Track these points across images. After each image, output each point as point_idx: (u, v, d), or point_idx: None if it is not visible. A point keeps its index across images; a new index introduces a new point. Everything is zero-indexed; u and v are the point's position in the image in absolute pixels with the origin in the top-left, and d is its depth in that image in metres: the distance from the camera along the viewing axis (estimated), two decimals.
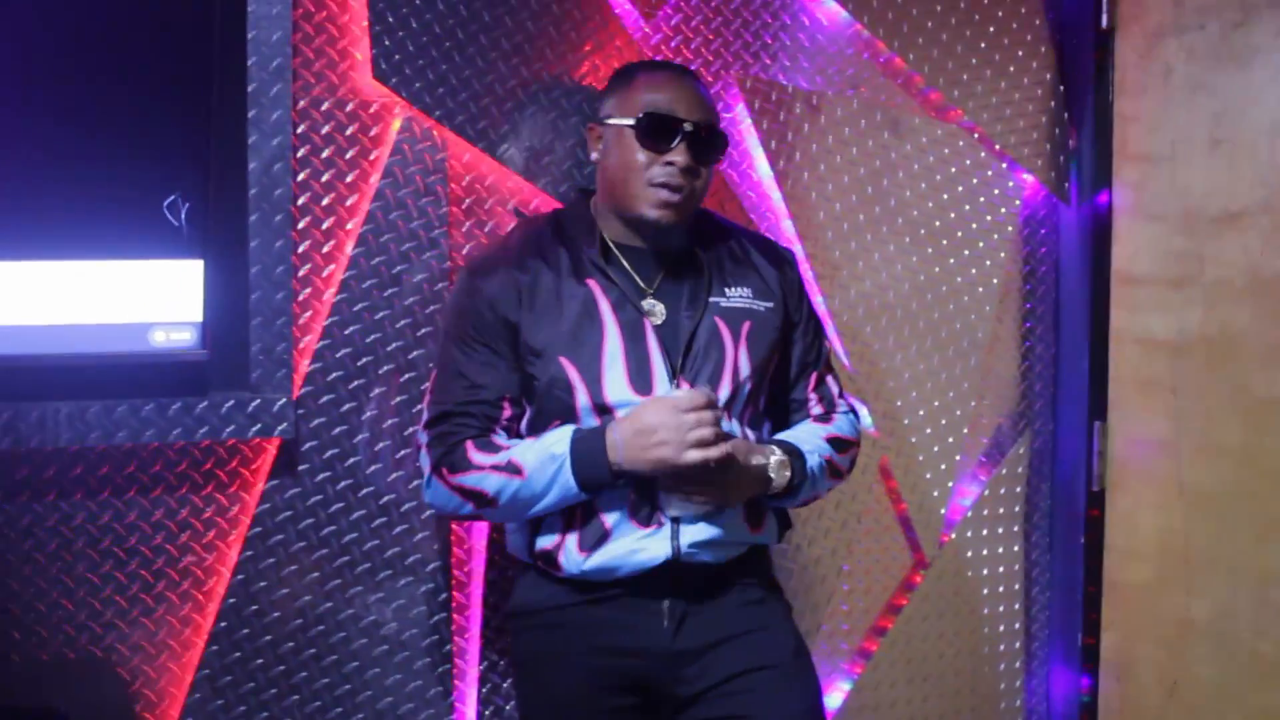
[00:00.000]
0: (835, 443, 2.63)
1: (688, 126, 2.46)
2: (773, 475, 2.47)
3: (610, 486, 2.40)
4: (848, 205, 3.43)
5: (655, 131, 2.45)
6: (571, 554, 2.46)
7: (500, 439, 2.46)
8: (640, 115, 2.45)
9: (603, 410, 2.43)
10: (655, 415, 2.33)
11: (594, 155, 2.56)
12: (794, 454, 2.52)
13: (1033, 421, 3.76)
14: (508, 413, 2.49)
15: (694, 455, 2.33)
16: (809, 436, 2.61)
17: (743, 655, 2.48)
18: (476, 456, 2.42)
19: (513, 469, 2.39)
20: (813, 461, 2.55)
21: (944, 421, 3.62)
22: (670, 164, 2.44)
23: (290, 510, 2.86)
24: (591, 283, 2.48)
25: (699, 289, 2.53)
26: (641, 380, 2.44)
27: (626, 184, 2.47)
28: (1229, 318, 3.35)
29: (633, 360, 2.45)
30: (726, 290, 2.55)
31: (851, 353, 3.46)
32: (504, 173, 2.99)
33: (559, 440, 2.40)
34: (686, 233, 2.57)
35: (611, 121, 2.51)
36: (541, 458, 2.38)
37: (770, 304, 2.59)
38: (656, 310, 2.50)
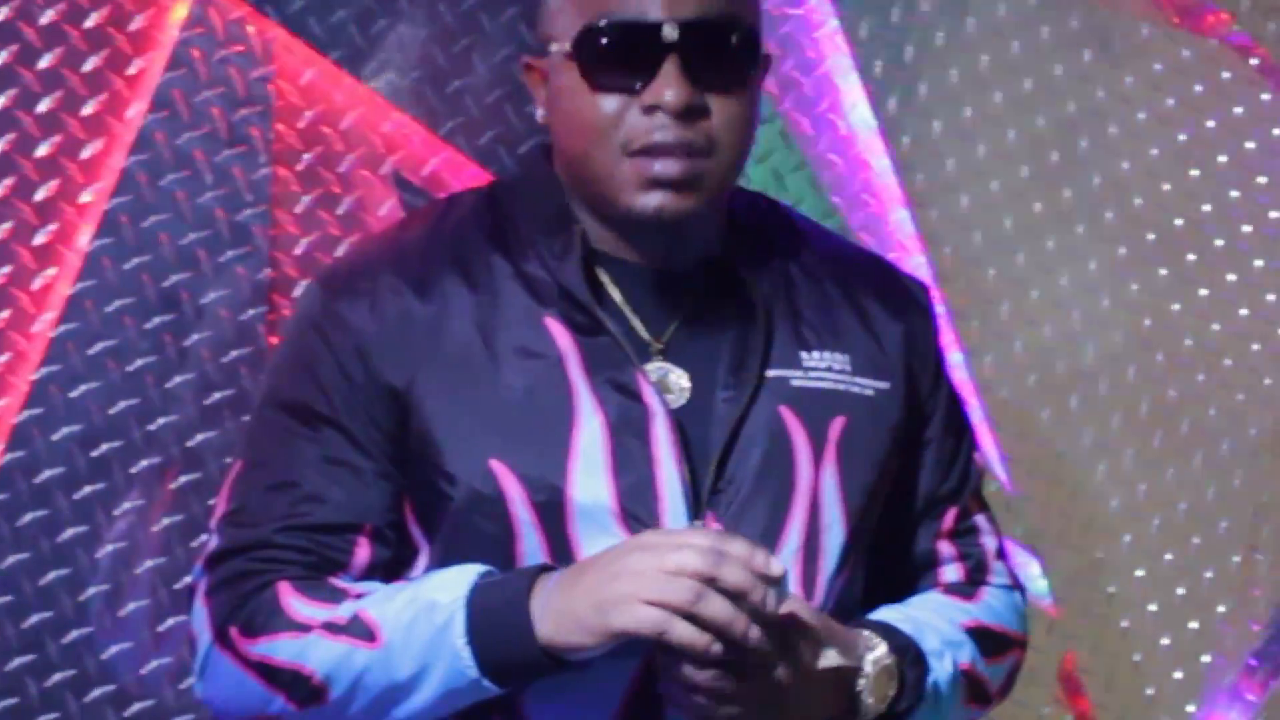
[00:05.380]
0: (983, 637, 2.39)
1: (670, 34, 2.24)
2: (863, 691, 2.24)
3: (537, 674, 2.17)
4: (1013, 185, 3.48)
5: (612, 56, 2.27)
6: None
7: (344, 581, 2.30)
8: (580, 30, 2.30)
9: (568, 561, 2.29)
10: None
11: (539, 113, 2.42)
12: (907, 652, 2.30)
13: None
14: (365, 556, 2.25)
15: (684, 631, 2.06)
16: (938, 622, 2.40)
17: None
18: (297, 606, 2.23)
19: (360, 629, 2.22)
20: (940, 672, 2.31)
21: (1181, 591, 3.57)
22: (654, 108, 2.25)
23: None
24: (554, 325, 2.28)
25: (749, 348, 2.33)
26: (641, 508, 2.26)
27: (587, 159, 2.30)
28: None
29: (626, 475, 2.23)
30: (804, 355, 2.35)
31: (1014, 458, 3.48)
32: (379, 107, 3.15)
33: (449, 583, 2.20)
34: (719, 236, 2.38)
35: (554, 49, 2.35)
36: (414, 611, 2.21)
37: (885, 384, 2.39)
38: (673, 383, 2.31)
